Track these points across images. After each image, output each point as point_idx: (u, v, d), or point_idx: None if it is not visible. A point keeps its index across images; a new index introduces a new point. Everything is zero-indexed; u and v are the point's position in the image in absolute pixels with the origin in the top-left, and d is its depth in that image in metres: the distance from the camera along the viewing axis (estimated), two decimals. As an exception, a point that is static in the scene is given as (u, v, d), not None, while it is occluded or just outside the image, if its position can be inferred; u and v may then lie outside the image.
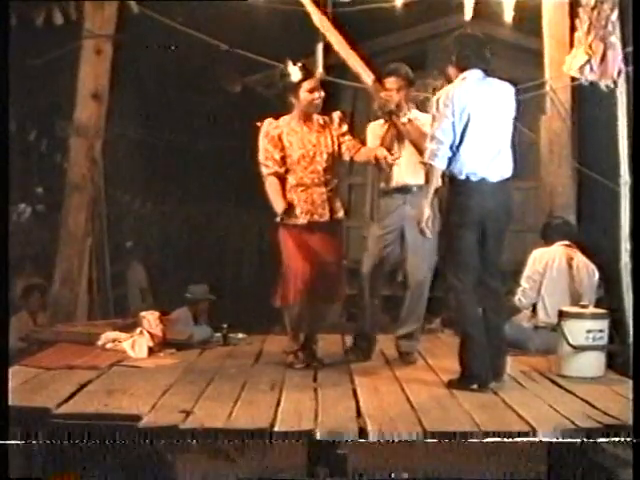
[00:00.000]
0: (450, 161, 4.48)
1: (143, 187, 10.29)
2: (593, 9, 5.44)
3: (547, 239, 5.97)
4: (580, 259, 5.86)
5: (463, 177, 4.48)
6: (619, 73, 5.28)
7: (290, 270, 5.04)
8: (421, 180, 5.25)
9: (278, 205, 5.00)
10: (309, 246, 5.05)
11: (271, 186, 5.07)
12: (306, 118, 5.11)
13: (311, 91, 5.04)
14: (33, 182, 9.64)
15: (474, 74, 4.55)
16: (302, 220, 5.03)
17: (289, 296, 5.03)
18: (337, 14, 5.87)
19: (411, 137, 5.15)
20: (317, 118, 5.15)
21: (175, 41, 7.20)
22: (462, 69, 4.56)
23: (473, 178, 4.48)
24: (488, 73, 4.60)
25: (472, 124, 4.46)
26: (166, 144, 10.21)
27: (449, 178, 4.53)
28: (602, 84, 5.37)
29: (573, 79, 5.98)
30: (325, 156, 5.08)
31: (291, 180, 5.07)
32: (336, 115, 5.20)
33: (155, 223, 10.59)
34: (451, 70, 4.62)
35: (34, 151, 9.62)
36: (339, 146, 5.13)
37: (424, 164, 4.84)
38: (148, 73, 9.17)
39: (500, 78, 4.69)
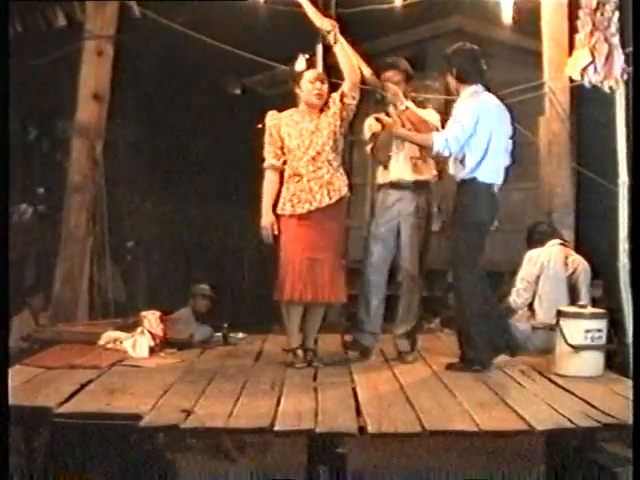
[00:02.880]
0: (476, 169, 4.94)
1: (143, 187, 10.32)
2: (595, 10, 5.45)
3: (532, 244, 5.97)
4: (575, 257, 5.88)
5: (489, 182, 4.97)
6: (622, 73, 5.29)
7: (287, 263, 5.04)
8: (418, 176, 5.30)
9: (265, 217, 5.09)
10: (307, 237, 5.03)
11: (265, 189, 5.13)
12: (309, 109, 5.12)
13: (313, 81, 5.08)
14: (34, 183, 9.68)
15: (479, 88, 5.00)
16: (300, 210, 5.05)
17: (285, 290, 5.02)
18: (337, 15, 5.88)
19: (410, 123, 5.17)
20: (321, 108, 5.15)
21: (176, 42, 7.22)
22: (462, 82, 5.01)
23: (495, 184, 5.00)
24: (487, 87, 5.08)
25: (494, 137, 4.98)
26: (166, 144, 10.24)
27: (476, 183, 4.95)
28: (606, 85, 5.38)
29: (572, 80, 6.00)
30: (321, 141, 5.05)
31: (288, 170, 5.11)
32: (334, 94, 5.14)
33: (155, 223, 10.62)
34: (452, 82, 5.07)
35: (35, 152, 9.66)
36: (335, 124, 5.09)
37: (421, 159, 5.25)
38: (149, 74, 9.20)
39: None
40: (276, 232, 5.07)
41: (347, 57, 5.08)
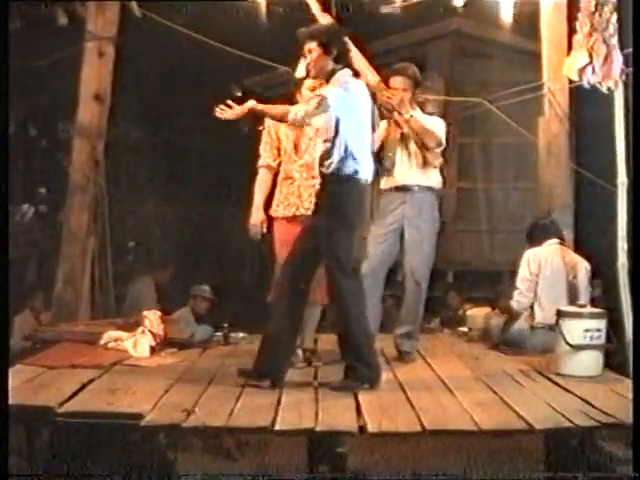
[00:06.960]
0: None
1: (144, 187, 10.34)
2: (594, 12, 5.47)
3: (533, 241, 5.97)
4: (573, 257, 5.89)
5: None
6: (621, 74, 5.31)
7: (277, 265, 5.04)
8: (421, 180, 5.31)
9: (255, 215, 5.12)
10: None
11: (258, 187, 5.17)
12: None
13: (312, 89, 5.09)
14: (36, 183, 9.69)
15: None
16: (288, 212, 5.07)
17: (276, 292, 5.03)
18: (337, 17, 5.90)
19: (414, 132, 5.18)
20: None
21: (176, 43, 7.23)
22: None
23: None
24: None
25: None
26: (167, 144, 10.26)
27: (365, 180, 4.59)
28: (604, 86, 5.40)
29: (571, 81, 6.02)
30: (318, 148, 5.08)
31: (282, 173, 5.14)
32: None
33: (156, 223, 10.63)
34: (324, 60, 4.61)
35: (36, 152, 9.67)
36: None
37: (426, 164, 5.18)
38: (150, 74, 9.22)
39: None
40: (264, 230, 5.10)
41: None
